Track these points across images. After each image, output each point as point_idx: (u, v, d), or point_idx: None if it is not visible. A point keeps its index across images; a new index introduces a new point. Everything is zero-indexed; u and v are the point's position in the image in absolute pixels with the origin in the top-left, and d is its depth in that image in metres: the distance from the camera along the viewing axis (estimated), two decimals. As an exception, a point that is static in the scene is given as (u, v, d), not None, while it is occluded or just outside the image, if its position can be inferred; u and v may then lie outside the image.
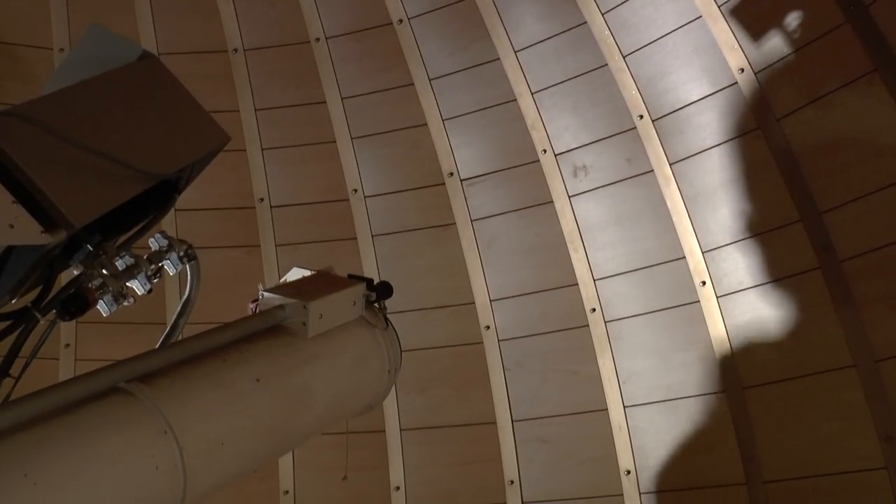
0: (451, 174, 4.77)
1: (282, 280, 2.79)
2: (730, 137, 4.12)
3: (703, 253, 4.23)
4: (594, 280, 4.52)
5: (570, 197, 4.56)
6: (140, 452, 1.85)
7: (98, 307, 2.26)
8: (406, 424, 4.74)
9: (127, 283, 2.32)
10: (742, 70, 4.03)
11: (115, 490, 1.79)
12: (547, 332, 4.63)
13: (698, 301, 4.24)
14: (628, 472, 4.38)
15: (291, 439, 2.40)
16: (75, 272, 2.35)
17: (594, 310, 4.51)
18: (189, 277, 2.65)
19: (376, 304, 2.78)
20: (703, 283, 4.22)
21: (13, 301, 2.35)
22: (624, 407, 4.42)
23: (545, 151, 4.59)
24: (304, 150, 4.97)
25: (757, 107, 4.02)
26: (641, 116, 4.35)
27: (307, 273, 2.77)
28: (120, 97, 2.54)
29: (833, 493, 3.85)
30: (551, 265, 4.62)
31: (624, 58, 4.36)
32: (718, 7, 4.09)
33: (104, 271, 2.27)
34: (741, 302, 4.14)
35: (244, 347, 2.27)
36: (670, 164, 4.30)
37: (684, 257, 4.28)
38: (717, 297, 4.19)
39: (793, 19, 3.92)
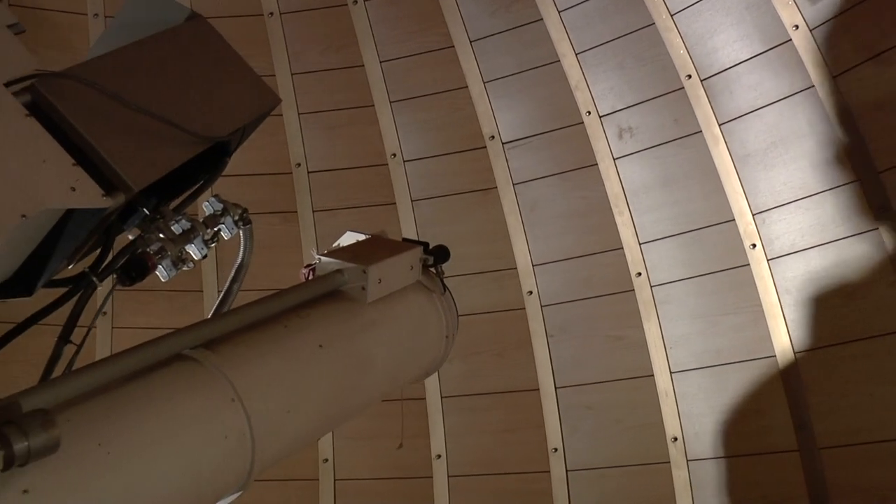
0: (493, 137, 4.69)
1: (335, 245, 2.73)
2: (783, 96, 4.02)
3: (753, 215, 4.14)
4: (640, 244, 4.44)
5: (615, 159, 4.48)
6: (209, 420, 1.82)
7: (157, 272, 2.22)
8: (447, 392, 4.70)
9: (184, 248, 2.29)
10: (796, 27, 3.93)
11: (185, 459, 1.76)
12: (591, 297, 4.56)
13: (748, 264, 4.16)
14: (675, 438, 4.32)
15: (353, 407, 2.35)
16: (130, 237, 2.32)
17: (640, 274, 4.43)
18: (242, 242, 2.62)
19: (433, 269, 2.73)
20: (754, 245, 4.14)
21: (69, 267, 2.31)
22: (671, 373, 4.36)
23: (589, 113, 4.51)
24: (341, 114, 4.91)
25: (812, 64, 3.91)
26: (689, 76, 4.25)
27: (361, 237, 2.71)
28: (170, 59, 2.49)
29: (892, 460, 3.78)
30: (595, 229, 4.54)
31: (672, 16, 4.26)
32: (772, -39, 3.99)
33: (161, 235, 2.23)
34: (793, 265, 4.06)
35: (304, 313, 2.22)
36: (719, 125, 4.20)
37: (733, 219, 4.19)
38: (768, 260, 4.11)
39: (852, -29, 3.82)
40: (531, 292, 4.64)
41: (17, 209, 1.79)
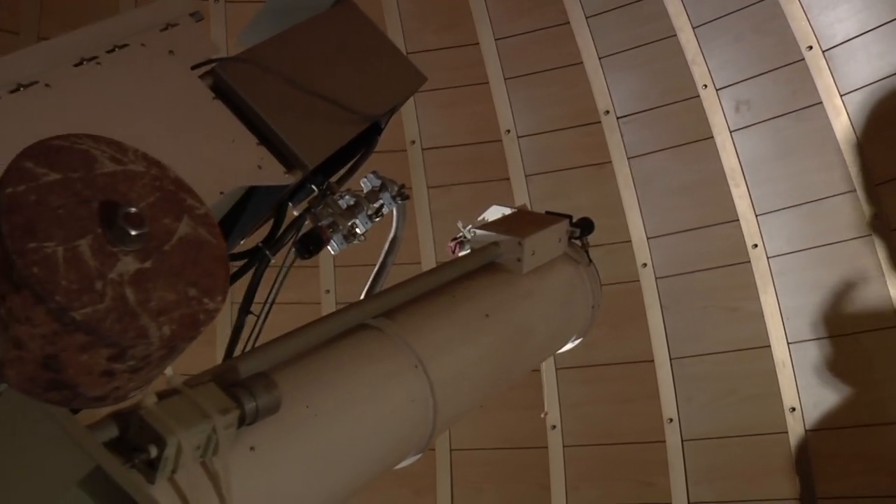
0: (608, 112, 4.72)
1: (480, 218, 2.82)
2: (910, 65, 4.00)
3: (875, 185, 4.13)
4: (756, 215, 4.44)
5: (731, 132, 4.48)
6: (397, 385, 1.91)
7: (328, 246, 2.32)
8: (561, 363, 4.74)
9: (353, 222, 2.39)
10: (927, -7, 3.91)
11: (378, 421, 1.85)
12: (706, 269, 4.58)
13: (870, 234, 4.14)
14: (793, 409, 4.32)
15: (513, 374, 2.44)
16: (295, 213, 2.43)
17: (756, 245, 4.44)
18: (395, 217, 2.71)
19: (578, 241, 2.80)
20: (876, 215, 4.12)
21: (241, 242, 2.43)
22: (788, 343, 4.36)
23: (706, 86, 4.51)
24: (456, 91, 4.97)
25: (944, 31, 3.89)
26: (811, 47, 4.23)
27: (507, 211, 2.79)
28: (328, 42, 2.59)
29: None
30: (711, 201, 4.55)
31: (793, -13, 4.26)
32: (901, -74, 3.95)
33: (331, 210, 2.33)
34: (918, 235, 4.04)
35: (467, 284, 2.31)
36: (841, 96, 4.19)
37: (854, 190, 4.18)
38: (891, 231, 4.09)
39: None
40: (645, 265, 4.67)
41: (216, 186, 1.91)
